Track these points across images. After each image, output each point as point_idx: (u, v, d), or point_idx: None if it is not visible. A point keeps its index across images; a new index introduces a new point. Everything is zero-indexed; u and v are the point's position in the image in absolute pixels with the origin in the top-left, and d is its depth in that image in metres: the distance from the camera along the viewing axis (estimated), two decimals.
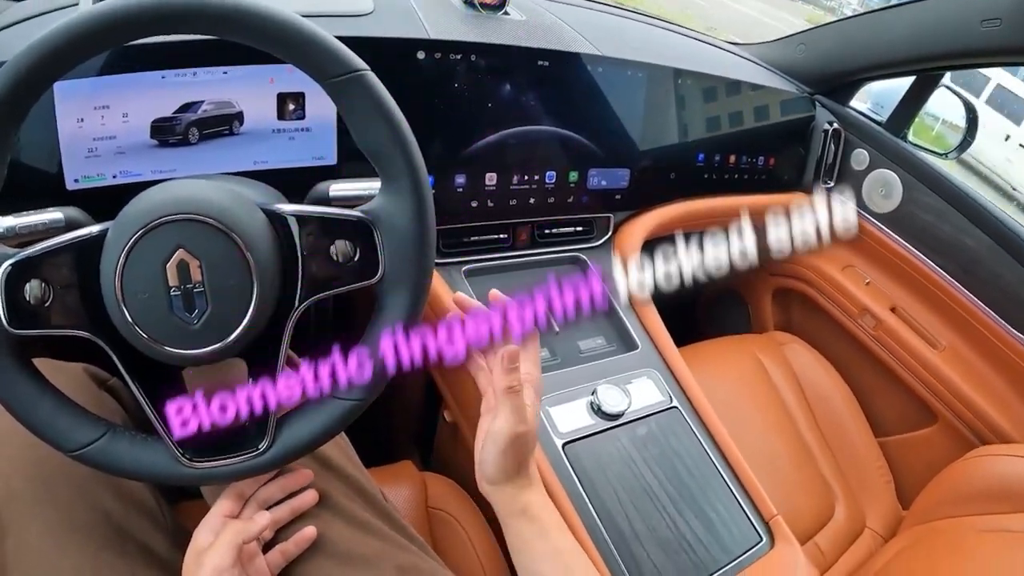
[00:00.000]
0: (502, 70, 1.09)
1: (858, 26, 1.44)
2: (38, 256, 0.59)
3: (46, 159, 0.86)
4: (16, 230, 0.68)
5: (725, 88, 1.35)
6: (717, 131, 1.35)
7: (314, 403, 0.67)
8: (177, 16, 0.57)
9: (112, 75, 0.86)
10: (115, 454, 0.62)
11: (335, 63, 0.60)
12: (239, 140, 0.95)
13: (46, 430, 0.61)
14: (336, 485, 0.77)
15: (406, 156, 0.63)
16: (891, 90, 1.47)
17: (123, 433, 0.63)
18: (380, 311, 0.66)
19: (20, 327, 0.58)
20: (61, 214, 0.70)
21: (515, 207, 1.15)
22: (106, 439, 0.62)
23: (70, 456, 0.61)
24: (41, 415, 0.61)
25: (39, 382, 0.62)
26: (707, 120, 1.33)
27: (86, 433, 0.62)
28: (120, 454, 0.63)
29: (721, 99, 1.35)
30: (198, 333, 0.59)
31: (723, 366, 1.37)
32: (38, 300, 0.59)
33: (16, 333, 0.58)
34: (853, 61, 1.45)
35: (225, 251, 0.58)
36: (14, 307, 0.58)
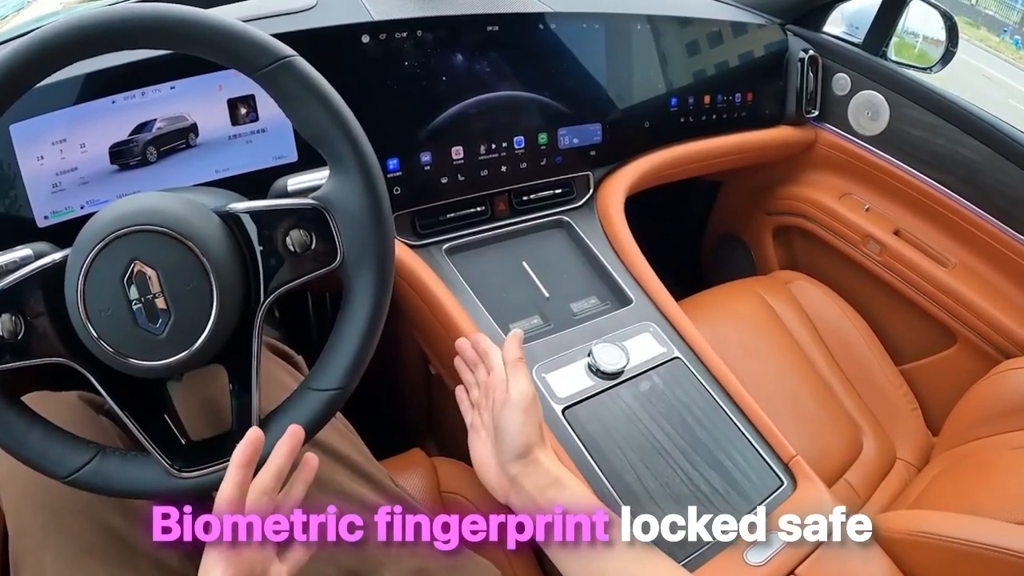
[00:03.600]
0: (451, 41, 1.07)
1: None
2: (5, 290, 0.60)
3: (13, 202, 0.88)
4: None
5: (689, 28, 1.32)
6: (688, 74, 1.32)
7: (294, 398, 0.67)
8: (91, 38, 0.59)
9: (63, 108, 0.87)
10: (107, 474, 0.63)
11: (260, 53, 0.61)
12: (197, 152, 0.95)
13: (38, 459, 0.62)
14: (341, 471, 0.78)
15: (347, 135, 0.63)
16: (863, 9, 1.44)
17: (112, 453, 0.64)
18: (348, 295, 0.66)
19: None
20: (30, 250, 0.71)
21: (487, 177, 1.12)
22: (97, 461, 0.63)
23: (64, 482, 0.62)
24: (32, 446, 0.62)
25: (26, 414, 0.63)
26: (675, 64, 1.30)
27: (76, 457, 0.63)
28: (112, 473, 0.63)
29: (686, 40, 1.32)
30: (165, 343, 0.59)
31: (728, 313, 1.33)
32: (11, 333, 0.60)
33: None
34: None
35: (180, 257, 0.59)
36: None
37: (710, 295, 1.39)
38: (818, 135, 1.49)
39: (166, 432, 0.67)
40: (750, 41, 1.41)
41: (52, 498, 0.67)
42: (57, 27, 0.58)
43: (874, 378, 1.31)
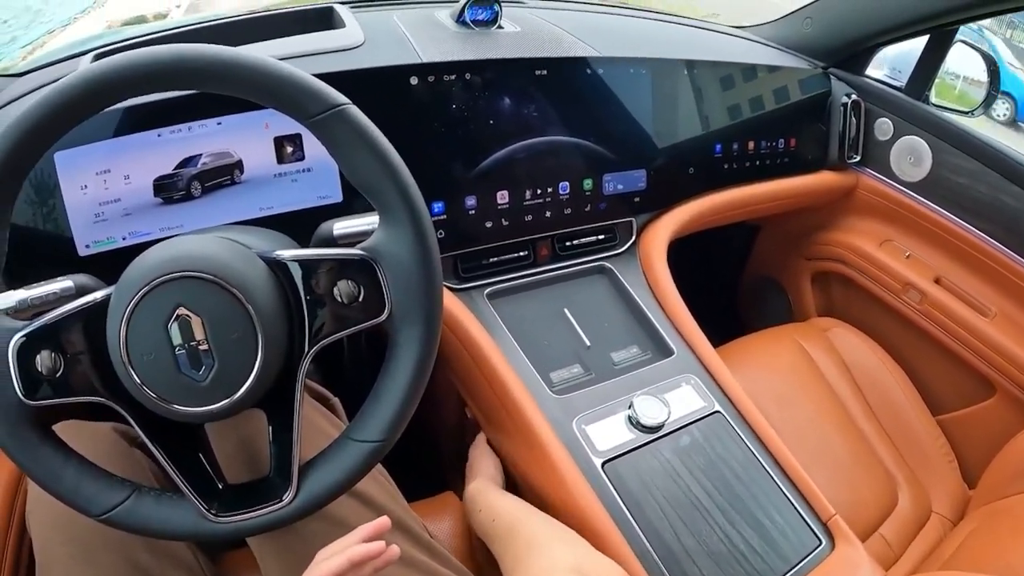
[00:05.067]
0: (499, 85, 1.08)
1: None
2: (46, 327, 0.60)
3: (56, 229, 0.88)
4: (29, 302, 0.69)
5: (734, 74, 1.32)
6: (732, 119, 1.31)
7: (335, 448, 0.66)
8: (149, 76, 0.59)
9: (109, 139, 0.88)
10: (142, 515, 0.63)
11: (314, 101, 0.61)
12: (242, 188, 0.96)
13: (72, 497, 0.62)
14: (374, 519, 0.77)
15: (398, 186, 0.63)
16: (906, 53, 1.42)
17: (148, 493, 0.64)
18: (394, 347, 0.65)
19: (36, 398, 0.59)
20: (71, 282, 0.71)
21: (531, 222, 1.13)
22: (131, 500, 0.63)
23: (98, 520, 0.62)
24: (66, 483, 0.62)
25: (62, 450, 0.63)
26: (720, 109, 1.30)
27: (111, 496, 0.62)
28: (147, 514, 0.63)
29: (731, 86, 1.32)
30: (207, 390, 0.59)
31: (766, 361, 1.33)
32: (50, 370, 0.59)
33: (33, 404, 0.59)
34: (862, 28, 1.40)
35: (225, 305, 0.58)
36: (28, 379, 0.59)
37: (748, 342, 1.39)
38: (859, 180, 1.48)
39: (202, 474, 0.67)
40: (794, 86, 1.41)
41: (82, 532, 0.67)
42: (117, 63, 0.58)
43: (911, 429, 1.30)
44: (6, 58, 7.60)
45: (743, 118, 1.33)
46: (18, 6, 10.83)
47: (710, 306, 1.35)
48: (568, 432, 0.92)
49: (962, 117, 1.38)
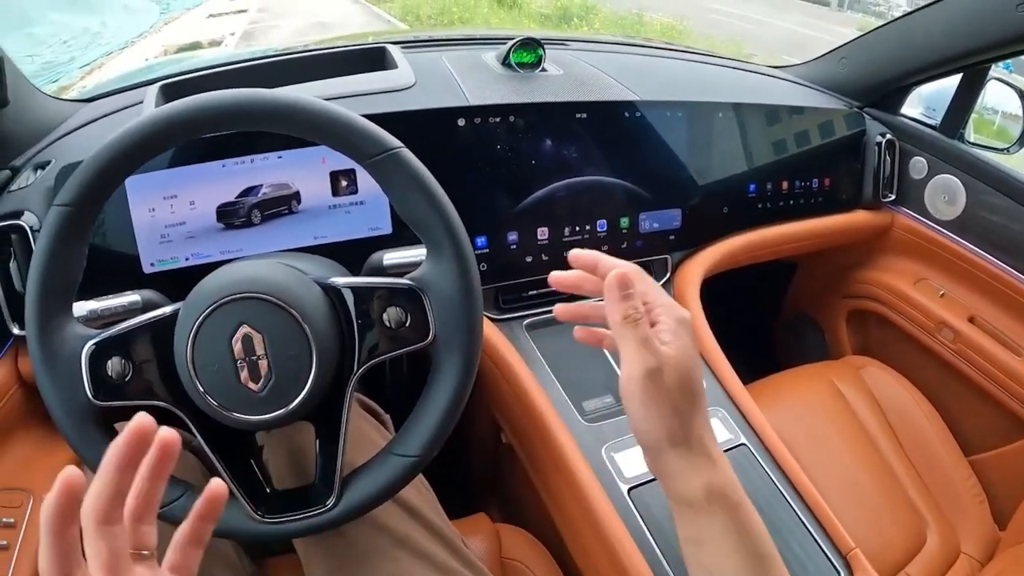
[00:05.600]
0: (542, 126, 1.13)
1: (895, 31, 1.41)
2: (118, 336, 0.66)
3: (125, 247, 0.96)
4: (98, 312, 0.76)
5: (769, 114, 1.35)
6: (766, 159, 1.34)
7: (377, 461, 0.71)
8: (227, 116, 0.66)
9: (177, 167, 0.96)
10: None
11: (371, 144, 0.67)
12: (298, 218, 1.02)
13: None
14: (419, 529, 0.81)
15: (445, 223, 0.68)
16: (941, 91, 1.44)
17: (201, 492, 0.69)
18: (436, 371, 0.70)
19: (104, 399, 0.65)
20: (138, 296, 0.78)
21: None
22: (185, 498, 0.68)
23: None
24: None
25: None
26: (754, 149, 1.33)
27: (167, 493, 0.66)
28: None
29: (766, 126, 1.35)
30: (264, 400, 0.65)
31: (798, 398, 1.34)
32: (119, 375, 0.66)
33: (100, 405, 0.65)
34: (896, 68, 1.42)
35: (285, 324, 0.64)
36: (98, 382, 0.65)
37: (781, 379, 1.40)
38: (894, 219, 1.49)
39: (252, 479, 0.71)
40: (829, 125, 1.43)
41: None
42: (198, 104, 0.65)
43: (941, 468, 1.30)
44: (64, 77, 7.78)
45: (777, 158, 1.36)
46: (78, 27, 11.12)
47: (747, 342, 1.37)
48: (597, 458, 0.96)
49: (999, 155, 1.39)
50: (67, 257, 0.66)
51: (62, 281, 0.67)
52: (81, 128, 1.13)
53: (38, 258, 0.65)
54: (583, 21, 11.63)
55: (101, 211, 0.67)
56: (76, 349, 0.65)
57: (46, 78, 8.76)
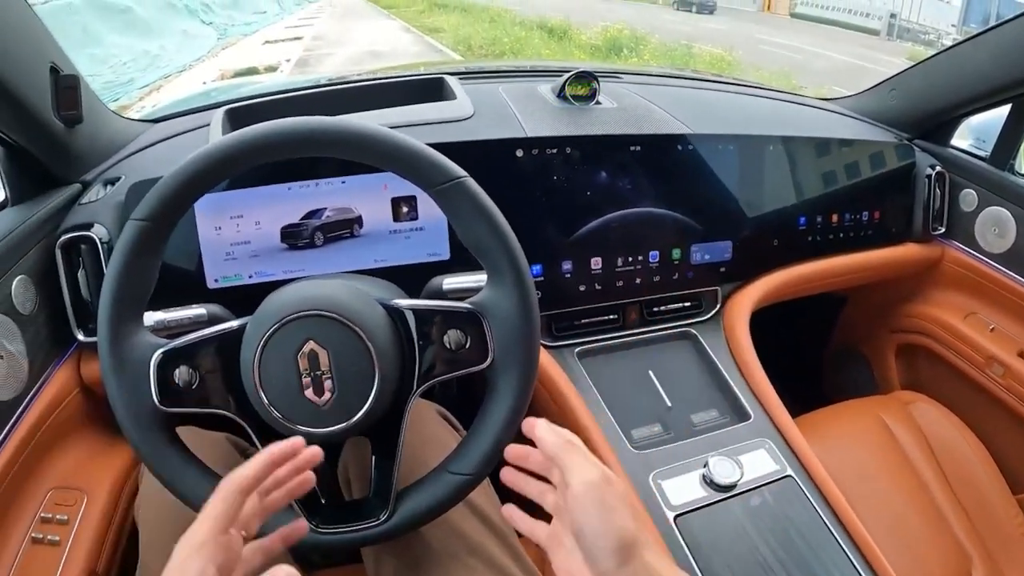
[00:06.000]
0: (597, 159, 1.16)
1: (943, 63, 1.41)
2: (186, 346, 0.70)
3: (191, 263, 1.01)
4: (166, 323, 0.81)
5: (819, 147, 1.36)
6: (816, 192, 1.35)
7: (431, 477, 0.74)
8: (301, 142, 0.70)
9: (244, 188, 1.00)
10: None
11: (438, 173, 0.71)
12: (360, 241, 1.06)
13: (191, 495, 0.69)
14: (493, 540, 0.82)
15: (507, 251, 0.71)
16: (990, 122, 1.42)
17: None
18: (492, 393, 0.73)
19: (169, 405, 0.69)
20: (204, 310, 0.83)
21: (622, 288, 1.20)
22: None
23: None
24: (187, 482, 0.70)
25: (185, 454, 0.71)
26: (804, 182, 1.34)
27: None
28: None
29: (816, 159, 1.36)
30: (326, 414, 0.68)
31: (845, 433, 1.34)
32: (186, 383, 0.69)
33: (165, 411, 0.69)
34: (945, 99, 1.42)
35: (349, 342, 0.67)
36: (164, 388, 0.68)
37: (829, 413, 1.40)
38: (944, 252, 1.49)
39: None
40: (878, 158, 1.43)
41: (186, 519, 0.74)
42: (275, 129, 0.69)
43: (989, 506, 1.29)
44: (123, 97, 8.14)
45: (827, 191, 1.37)
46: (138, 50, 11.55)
47: (794, 375, 1.37)
48: (644, 485, 0.98)
49: None
50: (141, 269, 0.70)
51: (135, 291, 0.70)
52: (149, 147, 1.19)
53: (114, 268, 0.68)
54: (633, 52, 11.66)
55: (175, 227, 0.71)
56: (145, 356, 0.68)
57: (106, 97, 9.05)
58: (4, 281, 0.92)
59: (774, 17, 27.52)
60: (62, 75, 0.99)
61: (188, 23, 18.81)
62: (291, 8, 34.50)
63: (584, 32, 15.00)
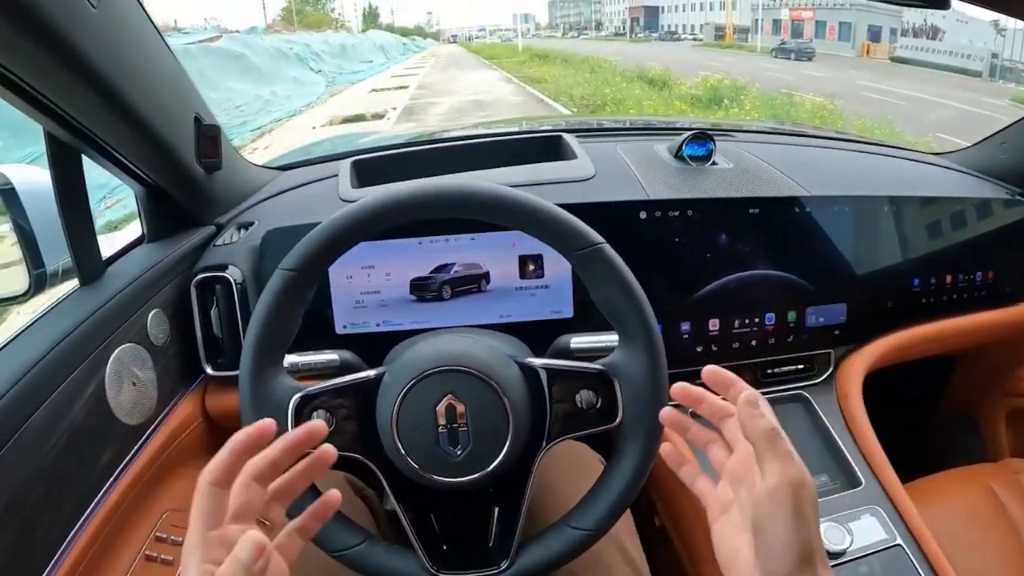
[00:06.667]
0: (716, 221, 1.18)
1: None
2: (324, 391, 0.73)
3: (321, 308, 1.06)
4: (299, 366, 0.86)
5: (930, 206, 1.33)
6: (929, 251, 1.33)
7: (552, 530, 0.75)
8: (450, 204, 0.74)
9: (377, 240, 1.05)
10: (371, 558, 0.73)
11: (578, 239, 0.74)
12: (486, 296, 1.10)
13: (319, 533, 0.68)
14: None
15: (640, 316, 0.74)
16: None
17: (379, 542, 0.74)
18: (619, 452, 0.75)
19: None
20: (336, 356, 0.87)
21: (738, 349, 1.21)
22: (365, 545, 0.73)
23: (333, 556, 0.73)
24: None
25: (314, 493, 0.70)
26: (917, 243, 1.32)
27: (349, 538, 0.73)
28: (375, 559, 0.73)
29: (929, 219, 1.34)
30: (460, 465, 0.70)
31: (953, 501, 1.30)
32: None
33: None
34: None
35: (486, 397, 0.70)
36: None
37: (937, 481, 1.36)
38: None
39: (431, 533, 0.76)
40: (990, 215, 1.40)
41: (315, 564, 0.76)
42: (424, 189, 0.73)
43: None
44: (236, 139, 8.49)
45: (939, 250, 1.34)
46: (251, 95, 12.07)
47: (902, 439, 1.35)
48: None
49: None
50: (286, 316, 0.73)
51: (278, 336, 0.74)
52: (279, 195, 1.26)
53: (260, 313, 0.72)
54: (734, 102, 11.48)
55: (320, 277, 0.76)
56: (284, 398, 0.72)
57: None
58: (140, 313, 0.97)
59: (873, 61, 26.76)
60: (204, 124, 1.06)
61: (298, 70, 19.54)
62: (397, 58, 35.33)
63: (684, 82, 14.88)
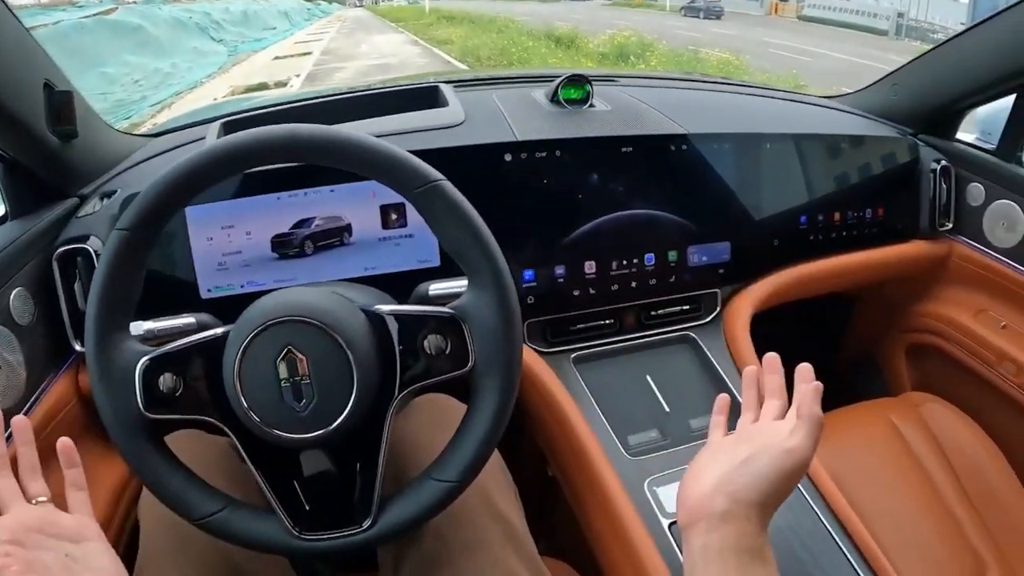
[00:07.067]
0: (588, 161, 1.15)
1: (945, 54, 1.38)
2: (171, 353, 0.70)
3: (184, 273, 1.02)
4: (155, 332, 0.81)
5: (819, 144, 1.33)
6: (817, 189, 1.33)
7: (415, 485, 0.73)
8: (277, 149, 0.70)
9: (235, 199, 1.01)
10: (233, 525, 0.71)
11: (415, 176, 0.70)
12: (350, 249, 1.07)
13: (175, 501, 0.70)
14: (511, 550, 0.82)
15: (485, 254, 0.71)
16: (996, 114, 1.38)
17: (242, 506, 0.72)
18: (474, 397, 0.72)
19: (154, 412, 0.69)
20: (193, 319, 0.83)
21: (617, 292, 1.18)
22: (227, 511, 0.71)
23: (194, 524, 0.70)
24: (172, 488, 0.70)
25: (171, 460, 0.72)
26: (805, 180, 1.31)
27: (209, 505, 0.71)
28: (237, 525, 0.71)
29: (816, 157, 1.33)
30: (306, 420, 0.67)
31: (854, 437, 1.31)
32: (170, 390, 0.69)
33: (151, 417, 0.69)
34: (948, 92, 1.39)
35: (328, 348, 0.67)
36: (150, 395, 0.69)
37: (837, 417, 1.36)
38: (952, 248, 1.45)
39: (293, 496, 0.73)
40: (881, 154, 1.40)
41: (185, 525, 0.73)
42: (251, 137, 0.69)
43: (1005, 509, 1.25)
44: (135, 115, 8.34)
45: (829, 188, 1.34)
46: (149, 68, 11.76)
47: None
48: (639, 493, 0.96)
49: None
50: (125, 278, 0.70)
51: (120, 300, 0.71)
52: (146, 161, 1.20)
53: (99, 278, 0.69)
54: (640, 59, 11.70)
55: (159, 236, 0.72)
56: (131, 364, 0.69)
57: (118, 115, 9.16)
58: (2, 293, 0.93)
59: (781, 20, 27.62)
60: (56, 91, 1.01)
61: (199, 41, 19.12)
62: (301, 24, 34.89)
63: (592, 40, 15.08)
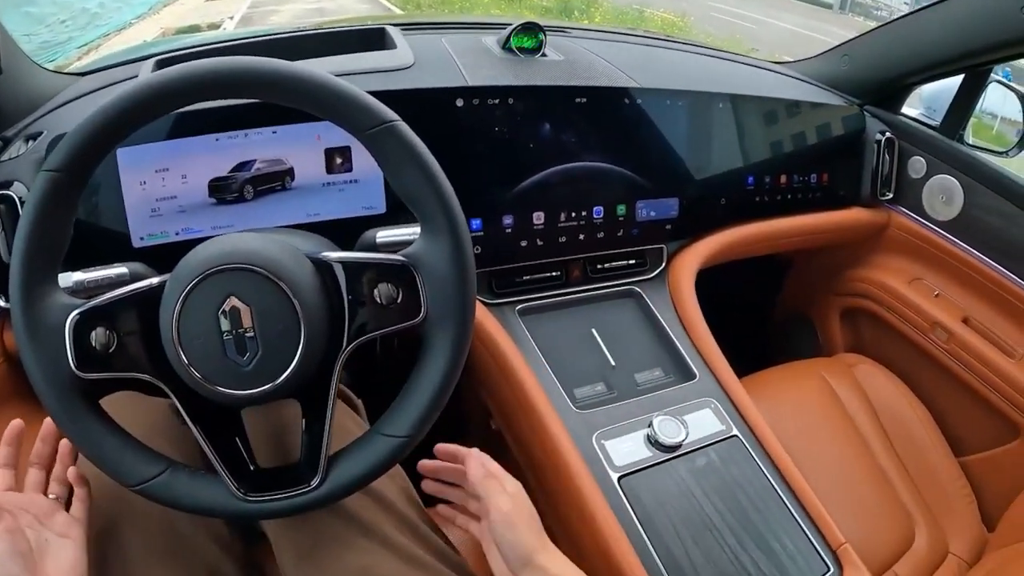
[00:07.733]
0: (540, 111, 1.12)
1: (898, 30, 1.40)
2: (103, 306, 0.64)
3: (114, 220, 0.94)
4: (85, 284, 0.75)
5: (770, 109, 1.34)
6: (765, 153, 1.34)
7: (363, 441, 0.69)
8: (220, 84, 0.64)
9: (170, 140, 0.94)
10: (175, 489, 0.67)
11: (367, 116, 0.65)
12: (292, 195, 1.01)
13: (111, 466, 0.66)
14: (389, 520, 0.79)
15: (440, 199, 0.67)
16: (942, 92, 1.43)
17: (183, 469, 0.68)
18: (427, 348, 0.69)
19: (87, 371, 0.63)
20: (126, 269, 0.77)
21: (565, 244, 1.17)
22: (167, 475, 0.66)
23: (132, 490, 0.66)
24: (106, 453, 0.66)
25: (105, 422, 0.67)
26: (754, 142, 1.32)
27: (147, 469, 0.66)
28: (179, 489, 0.67)
29: (767, 120, 1.34)
30: (250, 375, 0.63)
31: (790, 393, 1.34)
32: (103, 346, 0.64)
33: (84, 377, 0.63)
34: (898, 66, 1.42)
35: (273, 298, 0.63)
36: (81, 353, 0.63)
37: (773, 374, 1.40)
38: (891, 218, 1.48)
39: (236, 456, 0.70)
40: (828, 122, 1.42)
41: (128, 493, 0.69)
42: (191, 69, 0.63)
43: (932, 468, 1.30)
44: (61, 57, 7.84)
45: (776, 152, 1.35)
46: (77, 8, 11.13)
47: (739, 337, 1.36)
48: (587, 446, 0.95)
49: (997, 158, 1.38)
50: (54, 224, 0.64)
51: (48, 249, 0.65)
52: (74, 100, 1.12)
53: (24, 225, 0.63)
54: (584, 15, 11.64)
55: (89, 178, 0.65)
56: (60, 319, 0.63)
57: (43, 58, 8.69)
58: None
59: None
60: None
61: None
62: None
63: None
